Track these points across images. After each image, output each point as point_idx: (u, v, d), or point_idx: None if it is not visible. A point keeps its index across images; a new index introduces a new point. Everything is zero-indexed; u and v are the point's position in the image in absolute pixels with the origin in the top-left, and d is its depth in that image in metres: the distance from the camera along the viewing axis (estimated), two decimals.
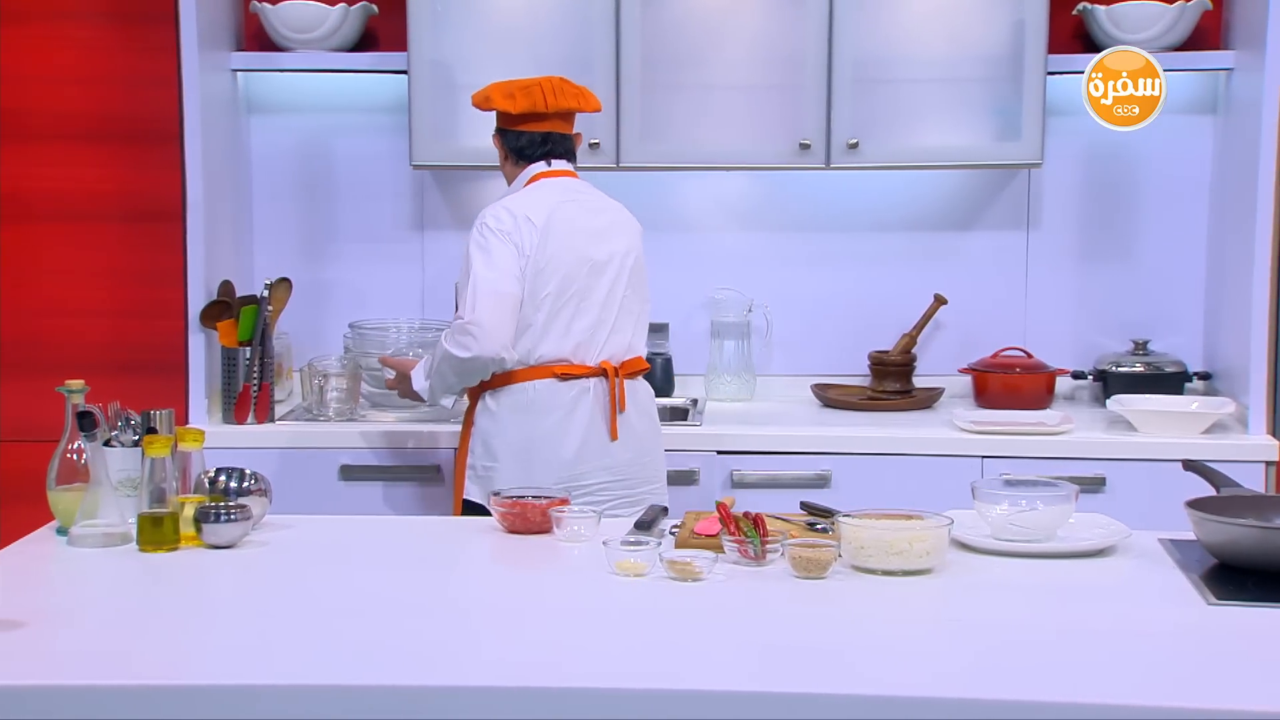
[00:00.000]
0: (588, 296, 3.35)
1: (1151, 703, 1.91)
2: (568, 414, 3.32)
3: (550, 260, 3.30)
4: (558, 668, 2.05)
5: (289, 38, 4.14)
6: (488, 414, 3.35)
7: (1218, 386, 4.10)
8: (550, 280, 3.30)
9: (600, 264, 3.37)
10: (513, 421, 3.32)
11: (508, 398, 3.33)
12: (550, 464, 3.28)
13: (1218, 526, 2.46)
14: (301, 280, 4.23)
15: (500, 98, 3.42)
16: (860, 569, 2.46)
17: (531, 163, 3.45)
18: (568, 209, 3.37)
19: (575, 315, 3.33)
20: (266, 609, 2.33)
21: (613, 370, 3.35)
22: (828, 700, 1.95)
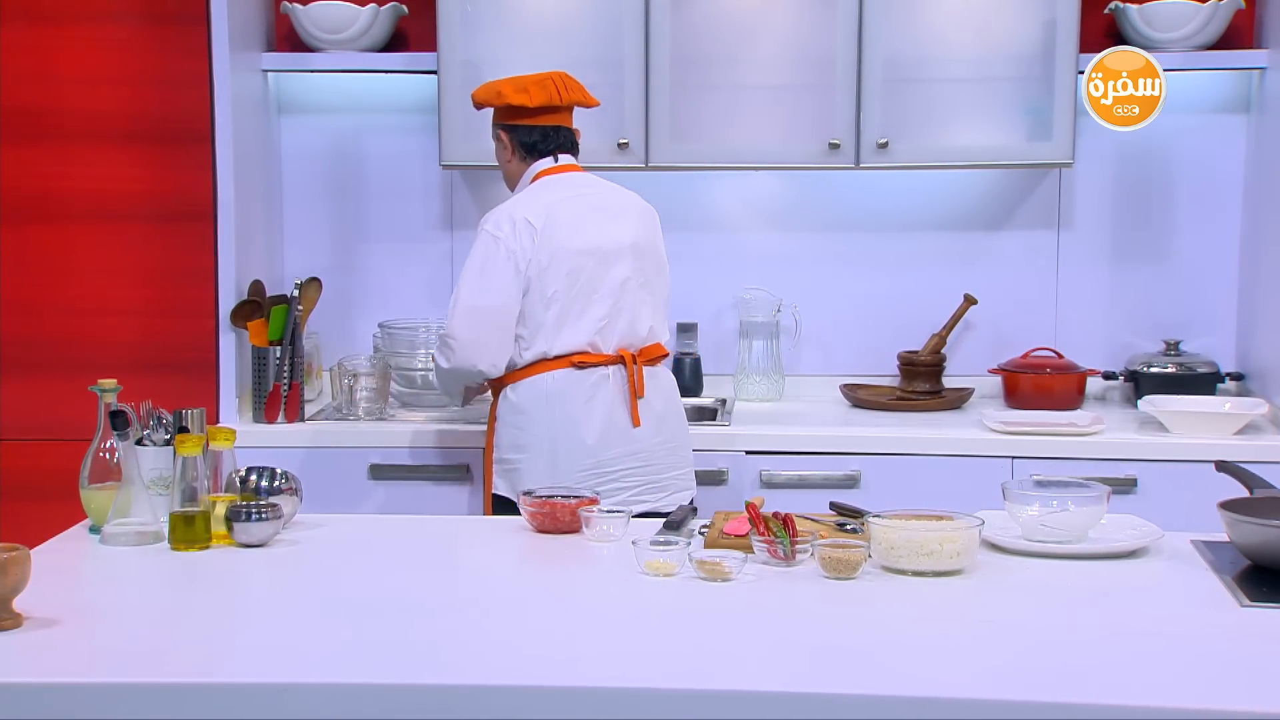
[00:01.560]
0: (599, 287, 3.36)
1: (1183, 705, 1.90)
2: (587, 401, 3.33)
3: (553, 257, 3.32)
4: (587, 667, 2.06)
5: (320, 38, 4.15)
6: (510, 407, 3.37)
7: (1251, 387, 4.08)
8: (556, 277, 3.32)
9: (609, 253, 3.38)
10: (534, 413, 3.33)
11: (528, 390, 3.34)
12: (574, 453, 3.30)
13: (1251, 528, 2.45)
14: (331, 280, 4.25)
15: (513, 92, 3.43)
16: (891, 570, 2.46)
17: (540, 158, 3.47)
18: (571, 204, 3.39)
19: (587, 306, 3.35)
20: (298, 608, 2.34)
21: (630, 357, 3.37)
22: (859, 701, 1.94)
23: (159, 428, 2.74)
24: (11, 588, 2.15)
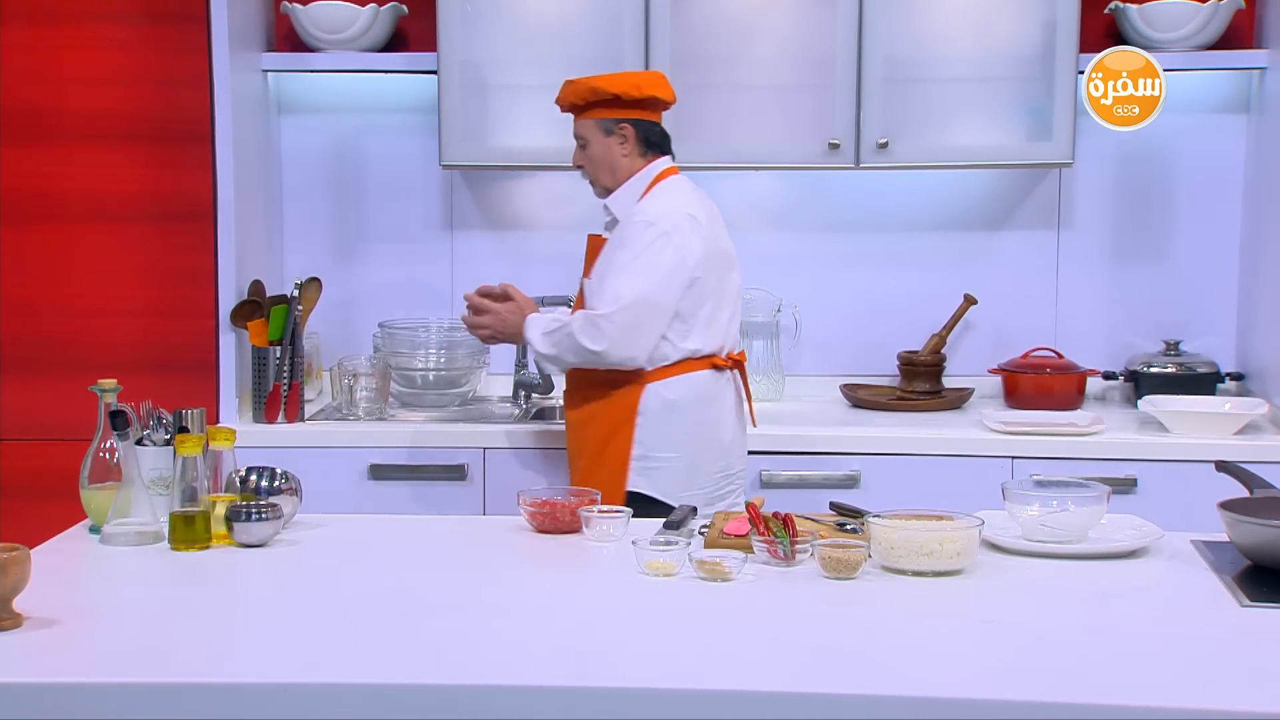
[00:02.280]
0: (725, 290, 3.44)
1: (1183, 705, 1.90)
2: (723, 403, 3.44)
3: (710, 257, 3.38)
4: (587, 667, 2.06)
5: (319, 38, 4.15)
6: (663, 404, 3.36)
7: (1251, 387, 4.08)
8: (710, 276, 3.38)
9: (731, 258, 3.49)
10: (687, 411, 3.37)
11: (683, 387, 3.38)
12: (712, 454, 3.41)
13: (1251, 528, 2.45)
14: (331, 280, 4.25)
15: (650, 85, 3.45)
16: (890, 570, 2.46)
17: (659, 156, 3.49)
18: (706, 203, 3.46)
19: (718, 308, 3.42)
20: (298, 608, 2.34)
21: (741, 360, 3.50)
22: (859, 701, 1.94)
23: (159, 428, 2.74)
24: (11, 588, 2.15)
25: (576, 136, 3.51)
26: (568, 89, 3.50)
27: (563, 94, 3.52)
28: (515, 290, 3.53)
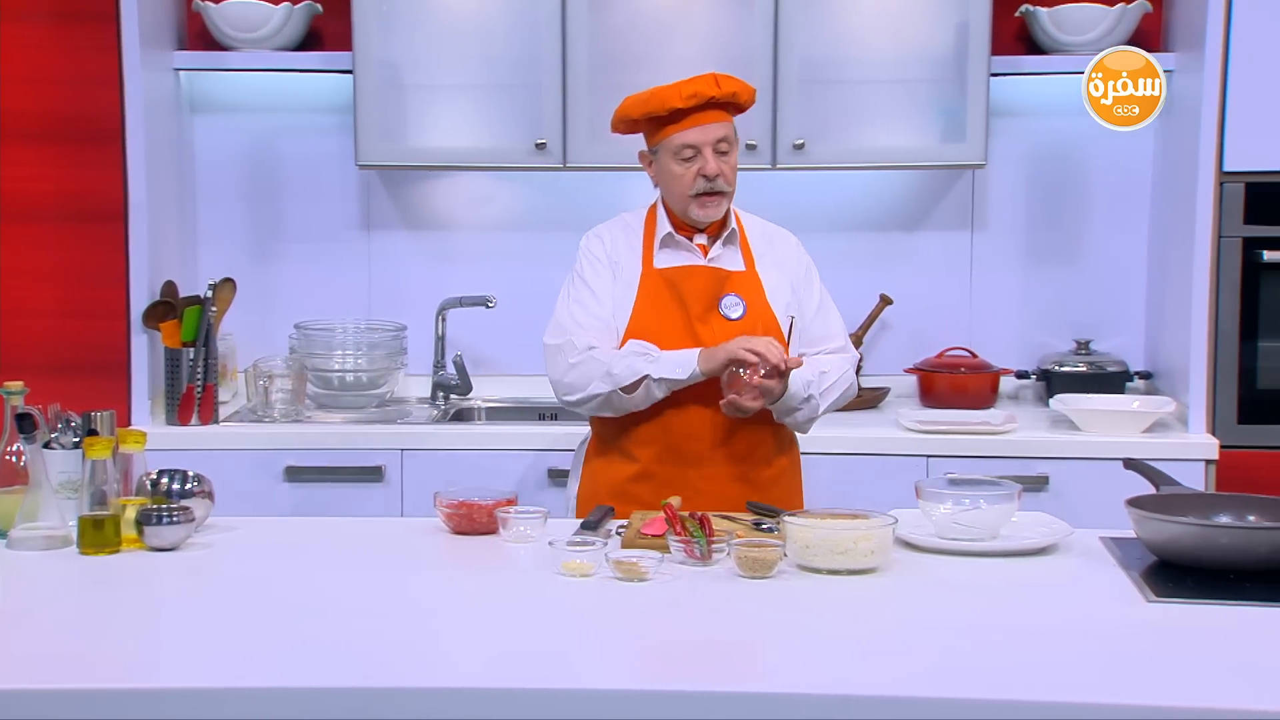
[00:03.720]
0: None
1: (1091, 699, 1.93)
2: None
3: None
4: (503, 669, 2.05)
5: (232, 37, 4.11)
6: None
7: (1159, 386, 4.15)
8: None
9: None
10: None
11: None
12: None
13: (1157, 525, 2.49)
14: (247, 281, 4.20)
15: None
16: (806, 568, 2.47)
17: None
18: None
19: None
20: (212, 611, 2.31)
21: None
22: (773, 699, 1.95)
23: (67, 430, 2.70)
24: None
25: (720, 141, 3.06)
26: (733, 83, 3.06)
27: (726, 87, 3.05)
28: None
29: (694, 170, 3.06)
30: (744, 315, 3.08)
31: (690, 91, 3.02)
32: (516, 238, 4.37)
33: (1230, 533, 2.49)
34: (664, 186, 3.14)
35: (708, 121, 3.05)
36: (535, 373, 4.35)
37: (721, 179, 3.06)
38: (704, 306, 3.08)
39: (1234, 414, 3.79)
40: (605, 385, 3.00)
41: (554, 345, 3.11)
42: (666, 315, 3.06)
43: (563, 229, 4.34)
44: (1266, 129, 3.71)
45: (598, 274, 3.14)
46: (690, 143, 3.04)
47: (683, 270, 3.10)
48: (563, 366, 3.07)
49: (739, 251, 3.15)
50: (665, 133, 3.07)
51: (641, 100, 3.10)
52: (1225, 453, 3.73)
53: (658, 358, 3.00)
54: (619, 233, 3.20)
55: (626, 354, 3.01)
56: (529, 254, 4.36)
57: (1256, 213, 3.76)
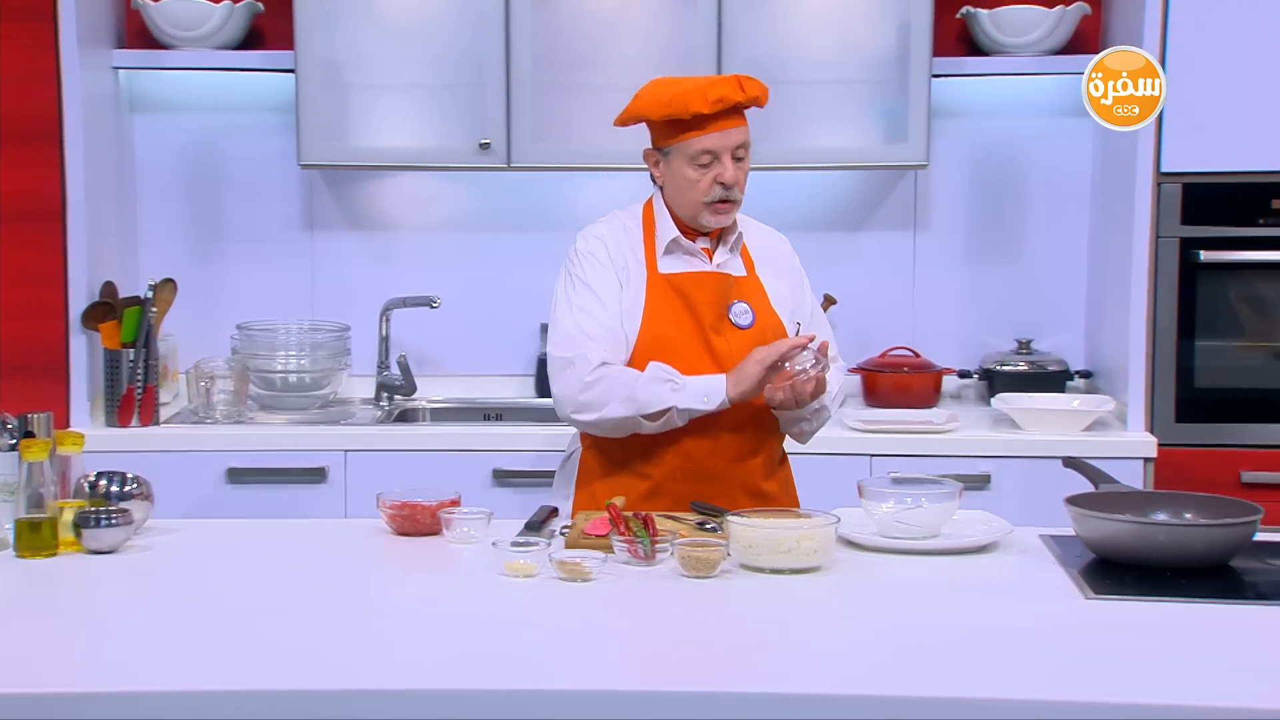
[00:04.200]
0: None
1: (1030, 696, 1.95)
2: None
3: None
4: (446, 670, 2.05)
5: (172, 35, 4.07)
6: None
7: (1099, 385, 4.19)
8: None
9: None
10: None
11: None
12: None
13: (1096, 522, 2.51)
14: (188, 281, 4.17)
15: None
16: (749, 568, 2.48)
17: None
18: None
19: None
20: (152, 614, 2.29)
21: None
22: (716, 699, 1.96)
23: (3, 432, 2.67)
24: None
25: (738, 147, 2.92)
26: (755, 86, 2.93)
27: (750, 91, 2.91)
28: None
29: (711, 176, 2.89)
30: (753, 323, 2.95)
31: (716, 96, 2.85)
32: (461, 238, 4.35)
33: (1167, 530, 2.52)
34: (673, 190, 2.96)
35: (728, 127, 2.89)
36: (480, 373, 4.37)
37: (737, 187, 2.93)
38: (715, 315, 2.93)
39: (1172, 413, 3.83)
40: (626, 410, 2.83)
41: (563, 359, 2.90)
42: (678, 324, 2.92)
43: (507, 229, 4.36)
44: (1203, 130, 3.76)
45: (602, 279, 2.94)
46: (710, 148, 2.88)
47: (691, 277, 2.95)
48: (575, 384, 2.87)
49: (740, 256, 3.03)
50: (683, 136, 2.89)
51: (661, 102, 2.90)
52: (1163, 451, 3.77)
53: (683, 385, 2.83)
54: (618, 234, 3.01)
55: (650, 380, 2.84)
56: (473, 254, 4.35)
57: (1193, 213, 3.81)
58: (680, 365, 2.87)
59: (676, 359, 2.88)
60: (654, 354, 2.89)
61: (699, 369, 2.88)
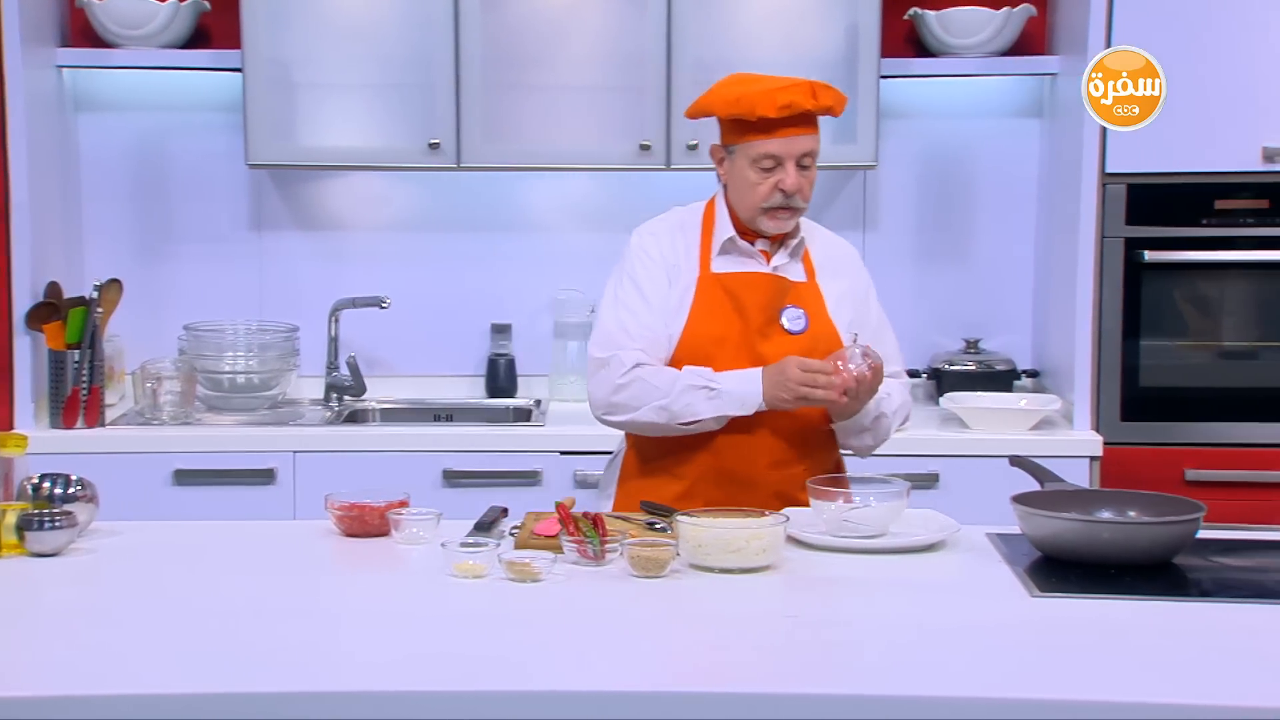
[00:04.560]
0: None
1: (977, 693, 1.96)
2: None
3: None
4: (393, 671, 2.04)
5: (117, 34, 4.04)
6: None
7: (1046, 384, 4.22)
8: None
9: None
10: None
11: None
12: None
13: (1041, 521, 2.53)
14: (135, 282, 4.14)
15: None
16: (699, 567, 2.48)
17: None
18: None
19: None
20: (98, 616, 2.27)
21: None
22: (665, 699, 1.96)
23: None
24: None
25: (805, 155, 2.85)
26: (829, 95, 2.85)
27: (823, 100, 2.83)
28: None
29: (772, 182, 2.83)
30: (805, 329, 2.89)
31: (785, 102, 2.78)
32: (410, 238, 4.34)
33: (1111, 528, 2.54)
34: (734, 190, 2.90)
35: (795, 134, 2.81)
36: (430, 374, 4.36)
37: (799, 195, 2.84)
38: (765, 318, 2.88)
39: (1117, 411, 3.87)
40: (659, 418, 2.81)
41: (599, 359, 2.87)
42: (725, 325, 2.87)
43: (457, 229, 4.35)
44: (1147, 131, 3.78)
45: (651, 277, 2.90)
46: (773, 153, 2.81)
47: (744, 277, 2.89)
48: (608, 385, 2.85)
49: (801, 261, 2.95)
50: (748, 138, 2.83)
51: (729, 100, 2.84)
52: (1109, 449, 3.81)
53: (718, 392, 2.80)
54: (675, 231, 2.96)
55: (686, 388, 2.80)
56: (423, 254, 4.34)
57: (1138, 213, 3.84)
58: (721, 367, 2.83)
59: (718, 360, 2.84)
60: (696, 353, 2.85)
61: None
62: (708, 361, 2.85)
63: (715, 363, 2.84)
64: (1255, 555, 2.65)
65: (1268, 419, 3.85)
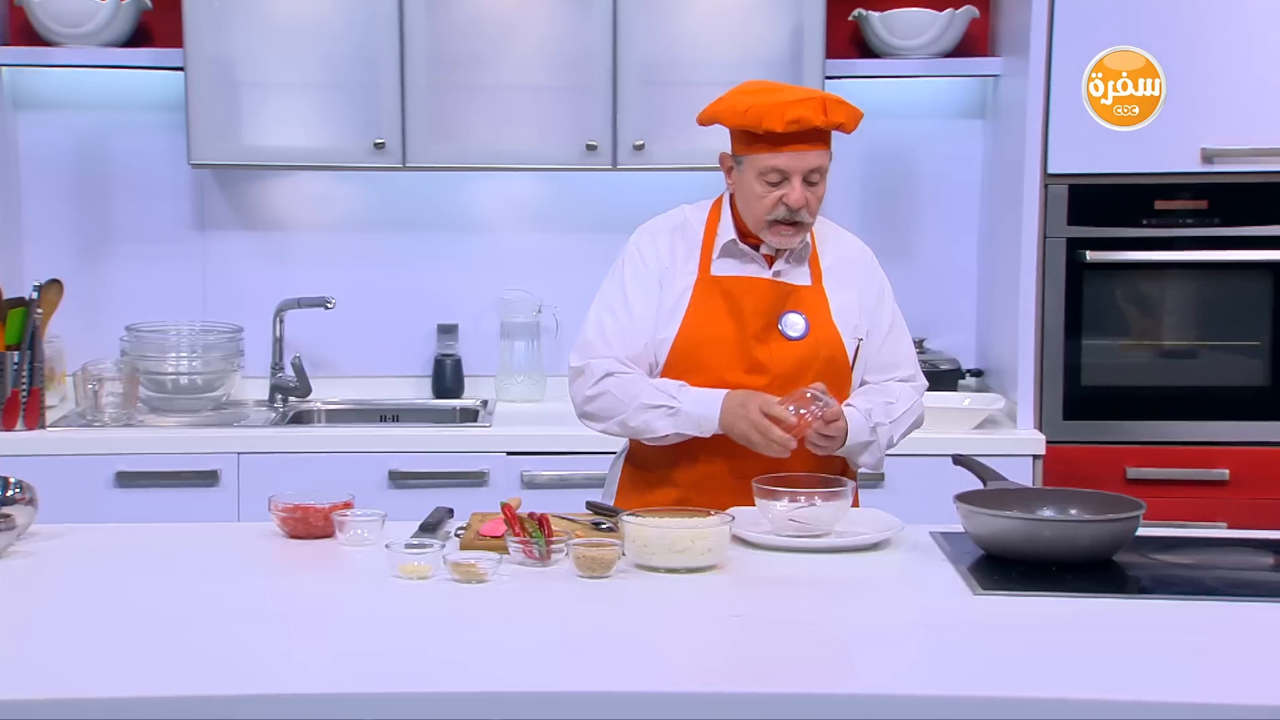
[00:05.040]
0: None
1: (920, 691, 1.98)
2: None
3: None
4: (337, 673, 2.03)
5: (58, 32, 4.00)
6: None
7: (990, 383, 4.25)
8: None
9: None
10: None
11: None
12: None
13: (984, 519, 2.55)
14: (76, 282, 4.10)
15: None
16: (644, 567, 2.49)
17: None
18: None
19: None
20: (38, 620, 2.25)
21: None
22: (612, 699, 1.96)
23: None
24: None
25: (812, 171, 2.80)
26: (841, 112, 2.79)
27: (834, 117, 2.78)
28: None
29: (777, 196, 2.78)
30: (805, 334, 2.85)
31: (794, 117, 2.73)
32: (356, 238, 4.32)
33: (1053, 526, 2.57)
34: (741, 200, 2.86)
35: (804, 149, 2.76)
36: (376, 374, 4.34)
37: (805, 210, 2.79)
38: (763, 324, 2.84)
39: (1060, 410, 3.90)
40: (623, 431, 2.84)
41: (575, 367, 2.88)
42: (719, 329, 2.83)
43: (403, 229, 4.33)
44: (1088, 132, 3.83)
45: (640, 281, 2.88)
46: (780, 168, 2.77)
47: (743, 282, 2.85)
48: (580, 395, 2.86)
49: (807, 265, 2.91)
50: (756, 149, 2.79)
51: (738, 112, 2.79)
52: (1051, 448, 3.84)
53: (676, 410, 2.76)
54: (675, 232, 2.93)
55: (641, 405, 2.78)
56: (369, 254, 4.32)
57: (1080, 214, 3.88)
58: (715, 371, 2.81)
59: (712, 363, 2.82)
60: (689, 356, 2.83)
61: (733, 376, 2.81)
62: (702, 364, 2.83)
63: (710, 366, 2.82)
64: (1193, 552, 2.69)
65: (1207, 417, 3.89)
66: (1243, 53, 3.80)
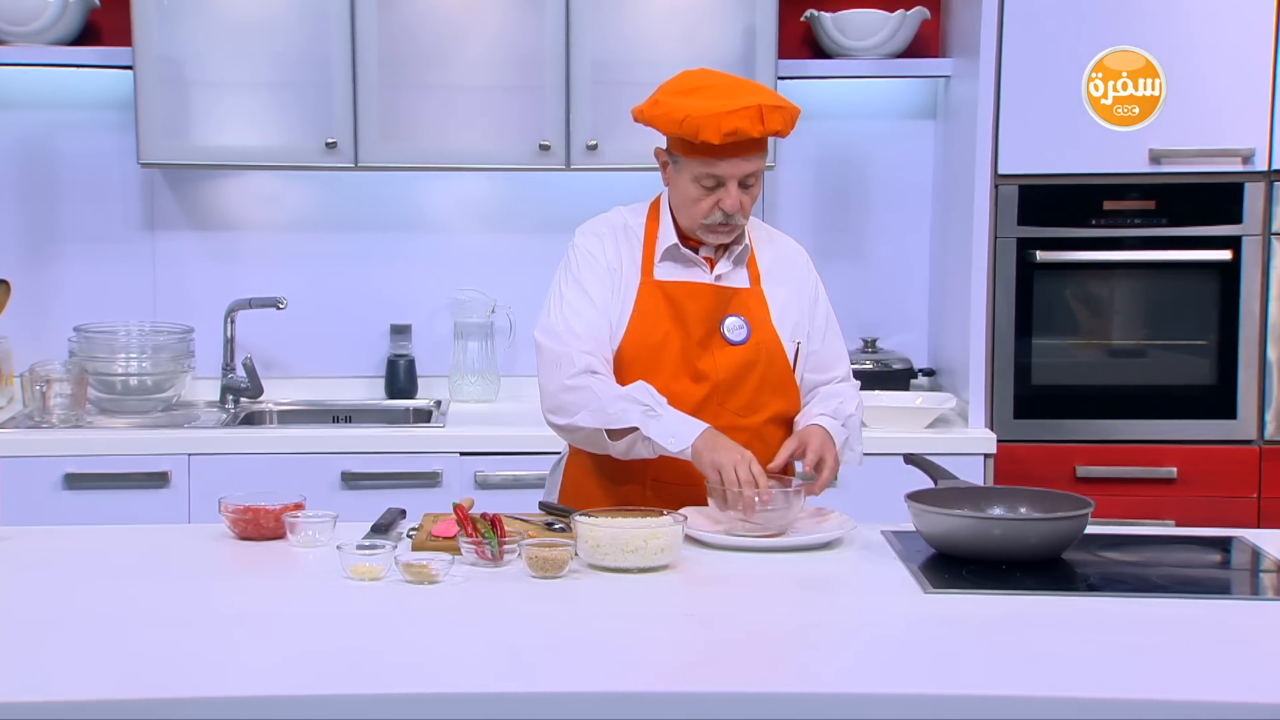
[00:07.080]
0: None
1: (871, 689, 1.98)
2: None
3: None
4: (287, 674, 2.02)
5: (4, 30, 3.98)
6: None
7: (941, 382, 4.28)
8: None
9: None
10: None
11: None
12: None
13: (934, 518, 2.57)
14: (23, 283, 4.07)
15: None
16: (597, 567, 2.49)
17: None
18: None
19: None
20: None
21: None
22: (563, 699, 1.96)
23: None
24: None
25: (748, 176, 2.78)
26: (778, 120, 2.74)
27: (771, 125, 2.73)
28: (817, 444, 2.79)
29: (712, 200, 2.78)
30: (748, 339, 2.85)
31: (730, 128, 2.68)
32: (307, 238, 4.30)
33: (1002, 524, 2.59)
34: (675, 198, 2.86)
35: (739, 156, 2.75)
36: (328, 374, 4.32)
37: (739, 213, 2.78)
38: (706, 330, 2.84)
39: (1010, 409, 3.93)
40: (595, 421, 2.73)
41: (550, 349, 2.82)
42: (664, 335, 2.82)
43: (355, 229, 4.32)
44: (1038, 133, 3.86)
45: (597, 279, 2.86)
46: (716, 174, 2.76)
47: (685, 287, 2.85)
48: (557, 383, 2.80)
49: (746, 267, 2.90)
50: (692, 154, 2.77)
51: (674, 120, 2.74)
52: (1002, 446, 3.87)
53: (659, 415, 2.70)
54: (618, 234, 2.92)
55: (626, 397, 2.72)
56: (320, 254, 4.30)
57: (1030, 214, 3.90)
58: (659, 377, 2.79)
59: (657, 369, 2.81)
60: (635, 361, 2.82)
61: (678, 385, 2.81)
62: (647, 370, 2.81)
63: (654, 372, 2.80)
64: (1140, 550, 2.71)
65: (1155, 416, 3.93)
66: (1191, 53, 3.83)
